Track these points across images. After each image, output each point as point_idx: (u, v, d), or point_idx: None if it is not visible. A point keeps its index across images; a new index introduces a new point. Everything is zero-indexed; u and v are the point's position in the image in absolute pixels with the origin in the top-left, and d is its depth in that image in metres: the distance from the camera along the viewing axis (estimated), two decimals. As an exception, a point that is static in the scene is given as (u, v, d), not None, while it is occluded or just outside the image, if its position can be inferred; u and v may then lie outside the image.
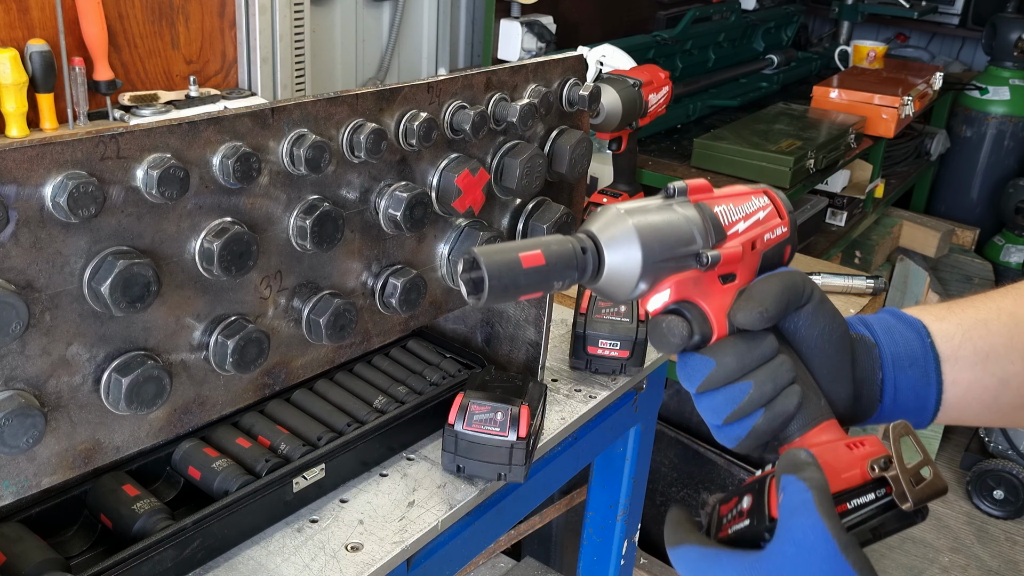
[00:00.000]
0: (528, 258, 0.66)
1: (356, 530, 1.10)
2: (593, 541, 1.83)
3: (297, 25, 2.45)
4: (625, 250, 0.70)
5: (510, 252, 0.66)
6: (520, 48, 2.94)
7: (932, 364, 0.79)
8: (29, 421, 0.75)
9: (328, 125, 0.95)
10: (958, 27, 4.82)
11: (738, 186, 0.82)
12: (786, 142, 2.86)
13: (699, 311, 0.74)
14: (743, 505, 0.72)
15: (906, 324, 0.81)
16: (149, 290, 0.79)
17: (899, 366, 0.79)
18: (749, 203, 0.80)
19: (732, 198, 0.79)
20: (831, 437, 0.74)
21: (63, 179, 0.74)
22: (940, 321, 0.81)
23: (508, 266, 0.66)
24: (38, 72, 1.94)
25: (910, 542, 3.34)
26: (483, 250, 0.66)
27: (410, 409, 1.24)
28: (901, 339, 0.80)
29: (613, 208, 0.72)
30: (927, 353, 0.79)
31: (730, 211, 0.77)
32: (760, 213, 0.80)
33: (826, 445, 0.72)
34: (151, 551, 0.95)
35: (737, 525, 0.71)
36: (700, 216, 0.75)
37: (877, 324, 0.81)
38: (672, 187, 0.76)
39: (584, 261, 0.69)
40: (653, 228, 0.71)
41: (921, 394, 0.80)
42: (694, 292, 0.74)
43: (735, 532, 0.71)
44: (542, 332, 1.35)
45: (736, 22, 3.68)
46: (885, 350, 0.79)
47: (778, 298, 0.74)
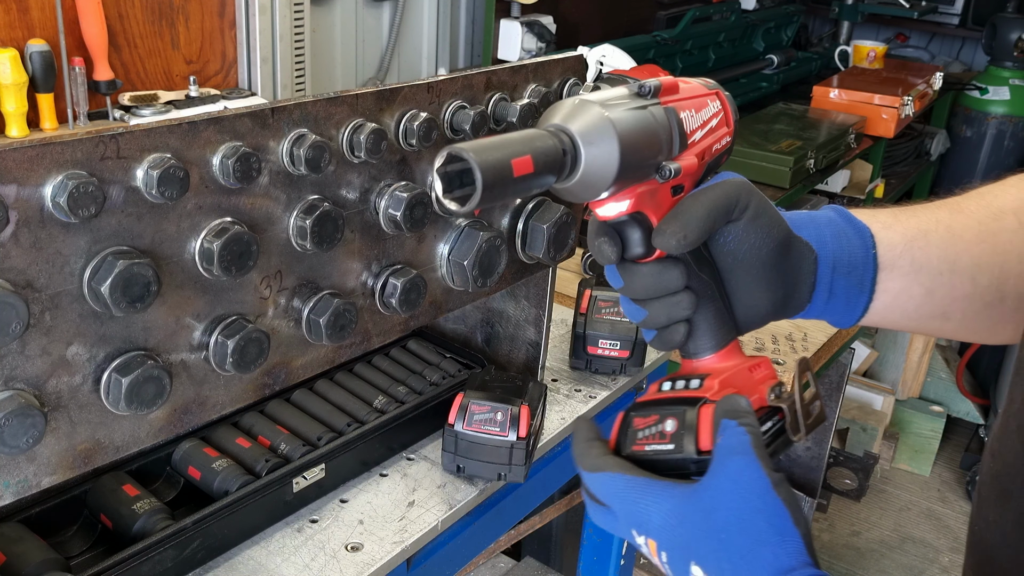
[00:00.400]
0: (519, 164, 0.61)
1: (356, 530, 1.10)
2: (593, 541, 1.83)
3: (297, 25, 2.45)
4: (604, 157, 0.66)
5: (503, 158, 0.60)
6: (520, 48, 2.94)
7: (870, 273, 0.82)
8: (29, 421, 0.75)
9: (328, 125, 0.95)
10: (958, 27, 4.82)
11: (694, 83, 0.79)
12: (786, 142, 2.86)
13: (648, 223, 0.74)
14: (665, 427, 0.72)
15: (855, 230, 0.83)
16: (149, 290, 0.79)
17: (838, 271, 0.81)
18: (707, 108, 0.77)
19: (694, 101, 0.76)
20: (733, 362, 0.78)
21: (63, 179, 0.74)
22: (887, 229, 0.84)
23: (501, 175, 0.60)
24: (38, 72, 1.94)
25: (910, 542, 3.34)
26: (476, 153, 0.59)
27: (410, 409, 1.24)
28: (847, 245, 0.82)
29: (595, 108, 0.66)
30: (868, 262, 0.82)
31: (692, 118, 0.75)
32: (713, 120, 0.78)
33: (735, 371, 0.76)
34: (151, 551, 0.95)
35: (657, 446, 0.72)
36: (669, 122, 0.72)
37: (827, 227, 0.82)
38: (648, 86, 0.72)
39: (563, 164, 0.65)
40: (632, 133, 0.67)
41: (852, 300, 0.83)
42: (649, 204, 0.73)
43: (653, 452, 0.72)
44: (542, 332, 1.35)
45: (736, 22, 3.68)
46: (828, 254, 0.81)
47: (701, 222, 0.73)
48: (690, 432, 0.71)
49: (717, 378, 0.75)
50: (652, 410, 0.74)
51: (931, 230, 0.85)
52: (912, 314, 0.86)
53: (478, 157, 0.58)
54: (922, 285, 0.84)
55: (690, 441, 0.71)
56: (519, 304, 1.36)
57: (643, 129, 0.68)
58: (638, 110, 0.69)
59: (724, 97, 0.81)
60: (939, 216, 0.86)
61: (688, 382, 0.76)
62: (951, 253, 0.84)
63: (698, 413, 0.72)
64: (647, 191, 0.72)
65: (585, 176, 0.66)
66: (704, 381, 0.75)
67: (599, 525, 0.74)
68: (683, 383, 0.76)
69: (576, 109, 0.66)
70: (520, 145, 0.62)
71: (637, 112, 0.69)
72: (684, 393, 0.75)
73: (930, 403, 3.86)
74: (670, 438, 0.72)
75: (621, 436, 0.75)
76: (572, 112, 0.66)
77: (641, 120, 0.69)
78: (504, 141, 0.61)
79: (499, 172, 0.59)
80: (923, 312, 0.86)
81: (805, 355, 0.82)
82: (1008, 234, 0.85)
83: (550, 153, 0.63)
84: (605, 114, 0.66)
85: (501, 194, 0.60)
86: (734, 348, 0.79)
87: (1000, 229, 0.85)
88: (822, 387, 2.29)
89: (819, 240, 0.81)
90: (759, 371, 0.79)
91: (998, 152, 4.55)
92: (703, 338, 0.78)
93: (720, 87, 0.81)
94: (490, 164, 0.58)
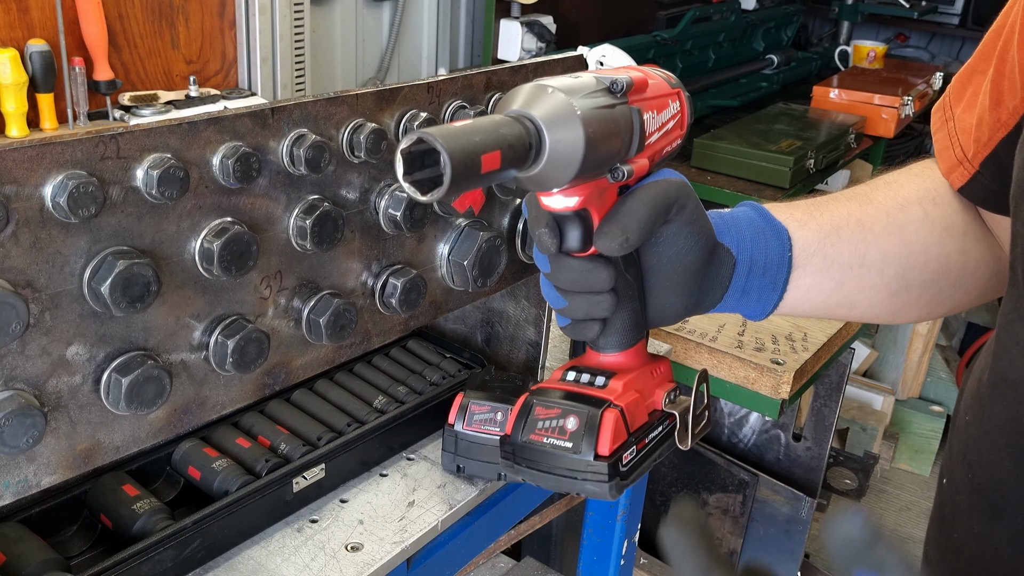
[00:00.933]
0: (488, 160, 0.58)
1: (356, 530, 1.10)
2: (593, 541, 1.83)
3: (297, 25, 2.45)
4: (567, 156, 0.64)
5: (474, 152, 0.57)
6: (520, 48, 2.94)
7: (784, 274, 0.84)
8: (29, 421, 0.75)
9: (328, 125, 0.95)
10: (958, 27, 4.82)
11: (659, 79, 0.77)
12: (786, 142, 2.86)
13: (590, 220, 0.73)
14: (567, 424, 0.73)
15: (773, 232, 0.84)
16: (149, 290, 0.79)
17: (753, 272, 0.83)
18: (667, 110, 0.76)
19: (657, 101, 0.75)
20: (638, 361, 0.79)
21: (63, 179, 0.74)
22: (802, 228, 0.86)
23: (469, 171, 0.57)
24: (38, 72, 1.94)
25: (910, 542, 3.34)
26: (448, 143, 0.56)
27: (410, 409, 1.24)
28: (763, 247, 0.83)
29: (566, 103, 0.64)
30: (782, 264, 0.84)
31: (653, 119, 0.74)
32: (671, 123, 0.77)
33: (639, 373, 0.78)
34: (151, 551, 0.95)
35: (555, 440, 0.73)
36: (632, 123, 0.70)
37: (748, 228, 0.83)
38: (620, 83, 0.69)
39: (527, 158, 0.63)
40: (598, 135, 0.65)
41: (764, 297, 0.85)
42: (594, 202, 0.72)
43: (551, 446, 0.73)
44: (542, 332, 1.35)
45: (736, 22, 3.68)
46: (745, 258, 0.82)
47: (643, 225, 0.73)
48: (590, 435, 0.72)
49: (622, 379, 0.76)
50: (555, 402, 0.75)
51: (843, 226, 0.87)
52: (821, 304, 0.89)
53: (449, 148, 0.55)
54: (832, 279, 0.87)
55: (589, 444, 0.72)
56: (519, 304, 1.36)
57: (608, 131, 0.67)
58: (606, 109, 0.67)
59: (684, 98, 0.80)
60: (850, 210, 0.89)
61: (594, 378, 0.77)
62: (861, 247, 0.87)
63: (600, 417, 0.72)
64: (596, 189, 0.71)
65: (543, 172, 0.64)
66: (610, 381, 0.76)
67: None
68: (588, 377, 0.77)
69: (546, 100, 0.64)
70: (491, 139, 0.59)
71: (605, 112, 0.67)
72: (589, 390, 0.76)
73: (930, 403, 3.86)
74: (569, 436, 0.73)
75: (520, 420, 0.75)
76: (542, 102, 0.64)
77: (608, 120, 0.67)
78: (475, 131, 0.59)
79: (468, 168, 0.57)
80: (831, 302, 0.89)
81: (706, 368, 0.87)
82: (914, 224, 0.89)
83: (518, 148, 0.61)
84: (576, 111, 0.64)
85: (465, 188, 0.58)
86: (642, 347, 0.80)
87: (907, 220, 0.89)
88: (822, 387, 2.29)
89: (739, 244, 0.82)
90: (659, 373, 0.81)
91: (998, 152, 4.54)
92: (615, 336, 0.78)
93: (682, 86, 0.80)
94: (461, 159, 0.56)
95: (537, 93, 0.64)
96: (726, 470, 2.44)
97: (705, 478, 2.50)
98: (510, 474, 0.77)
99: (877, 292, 0.89)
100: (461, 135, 0.57)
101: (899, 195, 0.90)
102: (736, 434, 2.57)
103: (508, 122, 0.62)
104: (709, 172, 2.76)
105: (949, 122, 0.90)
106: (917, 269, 0.89)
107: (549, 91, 0.64)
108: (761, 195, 2.66)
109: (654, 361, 0.81)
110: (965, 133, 0.87)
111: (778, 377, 1.71)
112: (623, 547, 1.80)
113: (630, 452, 0.74)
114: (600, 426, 0.72)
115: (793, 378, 1.71)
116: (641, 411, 0.77)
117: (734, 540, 2.50)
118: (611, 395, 0.75)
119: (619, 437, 0.73)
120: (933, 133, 0.93)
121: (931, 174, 0.93)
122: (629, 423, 0.75)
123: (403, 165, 0.57)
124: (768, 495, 2.40)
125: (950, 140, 0.90)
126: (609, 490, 0.72)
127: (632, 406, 0.76)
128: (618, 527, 1.77)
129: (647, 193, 0.74)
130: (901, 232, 0.88)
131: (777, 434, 2.49)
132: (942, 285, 0.91)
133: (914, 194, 0.90)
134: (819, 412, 2.36)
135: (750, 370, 1.75)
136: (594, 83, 0.68)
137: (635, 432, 0.75)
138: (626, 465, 0.74)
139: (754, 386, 1.76)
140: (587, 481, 0.72)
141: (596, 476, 0.71)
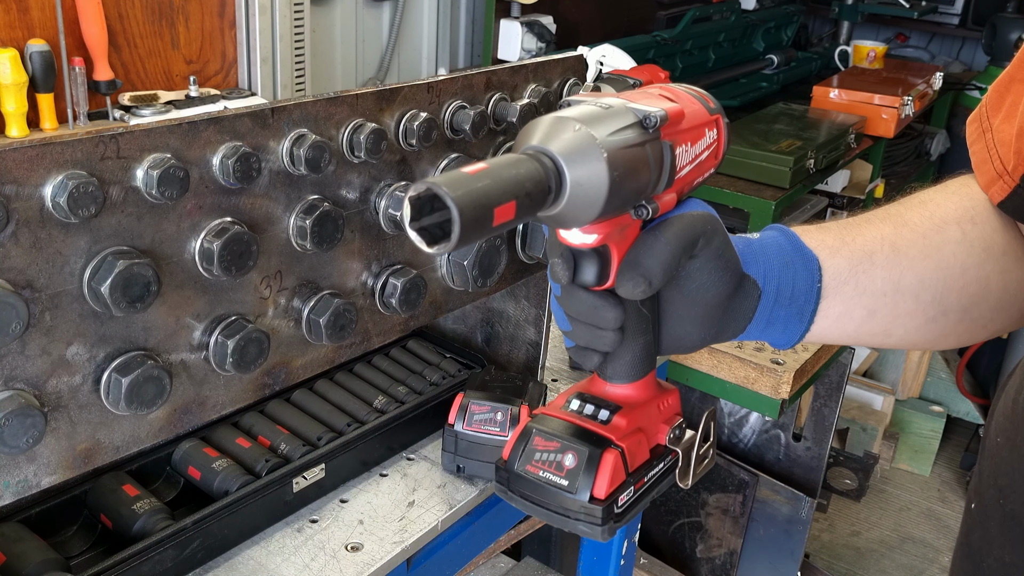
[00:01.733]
0: (501, 212, 0.54)
1: (356, 530, 1.10)
2: (593, 541, 1.82)
3: (297, 25, 2.45)
4: (589, 199, 0.60)
5: (487, 206, 0.53)
6: (520, 48, 2.94)
7: (811, 305, 0.81)
8: (29, 421, 0.75)
9: (328, 125, 0.95)
10: (958, 27, 4.82)
11: (698, 105, 0.72)
12: (786, 142, 2.86)
13: (608, 256, 0.69)
14: (564, 460, 0.71)
15: (803, 260, 0.81)
16: (149, 290, 0.79)
17: (779, 303, 0.80)
18: (702, 140, 0.72)
19: (692, 133, 0.70)
20: (646, 394, 0.76)
21: (63, 179, 0.74)
22: (833, 256, 0.82)
23: (479, 225, 0.53)
24: (38, 72, 1.94)
25: (910, 542, 3.34)
26: (458, 197, 0.52)
27: (410, 409, 1.24)
28: (792, 277, 0.80)
29: (591, 141, 0.59)
30: (810, 295, 0.81)
31: (686, 152, 0.69)
32: (705, 153, 0.73)
33: (644, 409, 0.75)
34: (151, 551, 0.95)
35: (551, 475, 0.71)
36: (663, 161, 0.66)
37: (776, 257, 0.80)
38: (654, 118, 0.64)
39: (546, 201, 0.58)
40: (624, 177, 0.61)
41: (790, 327, 0.82)
42: (615, 238, 0.69)
43: (546, 481, 0.71)
44: (542, 332, 1.35)
45: (736, 22, 3.68)
46: (772, 288, 0.79)
47: (666, 268, 0.69)
48: (588, 475, 0.69)
49: (627, 416, 0.73)
50: (555, 435, 0.72)
51: (876, 251, 0.83)
52: (852, 333, 0.85)
53: (459, 203, 0.51)
54: (864, 307, 0.83)
55: (586, 485, 0.69)
56: (519, 304, 1.36)
57: (636, 170, 0.62)
58: (636, 147, 0.62)
59: (722, 125, 0.75)
60: (884, 233, 0.85)
61: (598, 410, 0.74)
62: (895, 273, 0.83)
63: (600, 458, 0.70)
64: (618, 226, 0.68)
65: (563, 212, 0.60)
66: (614, 417, 0.73)
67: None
68: (592, 409, 0.74)
69: (570, 137, 0.59)
70: (508, 188, 0.55)
71: (635, 151, 0.62)
72: (591, 425, 0.73)
73: (930, 403, 3.86)
74: (566, 473, 0.70)
75: (518, 447, 0.73)
76: (565, 139, 0.59)
77: (637, 159, 0.62)
78: (490, 181, 0.54)
79: (479, 223, 0.53)
80: (863, 331, 0.85)
81: (713, 407, 0.84)
82: (951, 246, 0.84)
83: (536, 196, 0.56)
84: (602, 153, 0.59)
85: (474, 240, 0.54)
86: (652, 379, 0.77)
87: (943, 242, 0.84)
88: (822, 387, 2.29)
89: (767, 275, 0.79)
90: (666, 406, 0.77)
91: (998, 152, 4.54)
92: (623, 368, 0.75)
93: (722, 112, 0.76)
94: (472, 216, 0.52)
95: (561, 128, 0.59)
96: (726, 470, 2.44)
97: (705, 478, 2.50)
98: (503, 498, 0.75)
99: (913, 319, 0.84)
100: (474, 186, 0.53)
101: (935, 215, 0.86)
102: (736, 434, 2.57)
103: (527, 164, 0.57)
104: (709, 172, 2.75)
105: (987, 133, 0.86)
106: (955, 293, 0.84)
107: (576, 128, 0.59)
108: (761, 195, 2.66)
109: (662, 393, 0.78)
110: (1004, 145, 0.82)
111: (778, 377, 1.71)
112: (623, 547, 1.80)
113: (627, 493, 0.71)
114: (599, 468, 0.69)
115: (793, 378, 1.71)
116: (642, 449, 0.74)
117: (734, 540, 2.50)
118: (614, 433, 0.72)
119: (617, 479, 0.70)
120: (970, 145, 0.88)
121: (968, 192, 0.88)
122: (629, 463, 0.72)
123: (410, 211, 0.54)
124: (768, 495, 2.40)
125: (988, 153, 0.85)
126: (602, 533, 0.70)
127: (634, 446, 0.73)
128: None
129: (671, 231, 0.70)
130: (938, 255, 0.84)
131: (777, 434, 2.49)
132: (982, 309, 0.86)
133: (951, 213, 0.86)
134: (819, 412, 2.36)
135: (750, 370, 1.75)
136: (624, 116, 0.63)
137: (634, 472, 0.73)
138: (621, 507, 0.71)
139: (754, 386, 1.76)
140: (579, 521, 0.70)
141: (589, 518, 0.69)
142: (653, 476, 0.74)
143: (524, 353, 1.38)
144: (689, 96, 0.73)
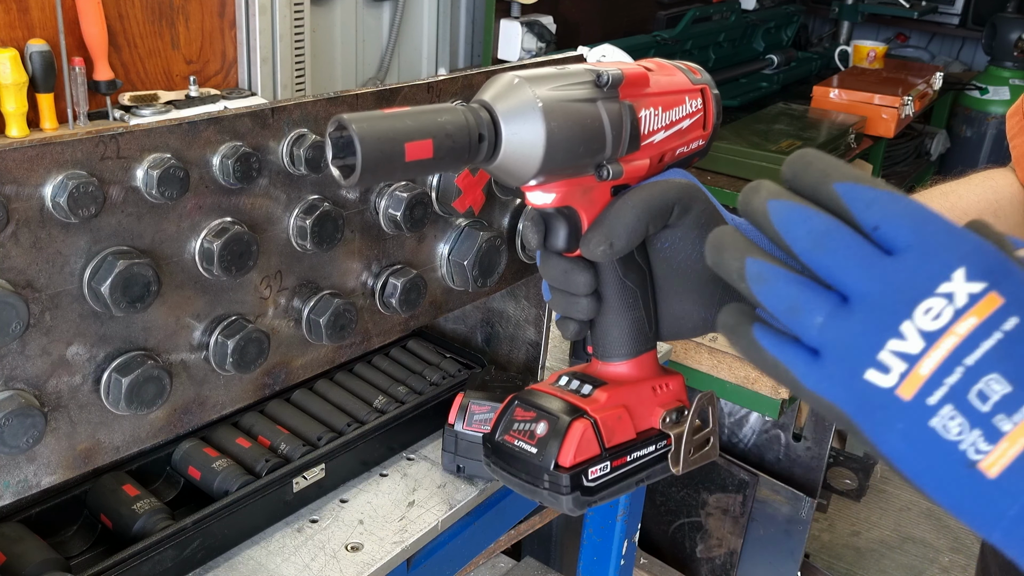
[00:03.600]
0: (414, 149, 0.55)
1: (356, 530, 1.10)
2: (593, 541, 1.83)
3: (297, 25, 2.45)
4: (527, 148, 0.61)
5: (395, 139, 0.55)
6: (520, 48, 2.94)
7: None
8: (29, 421, 0.75)
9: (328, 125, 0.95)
10: (958, 27, 4.82)
11: (679, 75, 0.72)
12: (786, 142, 2.86)
13: (576, 220, 0.69)
14: (537, 429, 0.70)
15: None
16: (149, 290, 0.79)
17: None
18: (679, 107, 0.71)
19: (663, 98, 0.70)
20: (641, 374, 0.74)
21: (63, 179, 0.74)
22: None
23: (388, 157, 0.55)
24: (38, 72, 1.94)
25: (910, 542, 3.34)
26: (361, 127, 0.54)
27: (410, 409, 1.24)
28: None
29: (527, 93, 0.60)
30: None
31: (655, 116, 0.69)
32: (686, 122, 0.72)
33: (633, 386, 0.73)
34: (151, 551, 0.95)
35: (524, 444, 0.70)
36: (621, 121, 0.65)
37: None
38: (607, 76, 0.64)
39: (477, 151, 0.59)
40: (566, 128, 0.62)
41: None
42: (580, 200, 0.68)
43: (519, 449, 0.70)
44: (542, 332, 1.35)
45: (736, 22, 3.68)
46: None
47: (629, 231, 0.68)
48: (555, 442, 0.68)
49: (610, 390, 0.72)
50: (536, 405, 0.72)
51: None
52: None
53: (362, 134, 0.53)
54: None
55: (552, 453, 0.68)
56: (519, 304, 1.36)
57: (581, 124, 0.63)
58: (583, 102, 0.63)
59: (710, 96, 0.74)
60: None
61: (582, 385, 0.73)
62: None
63: (568, 426, 0.69)
64: (579, 187, 0.67)
65: (503, 164, 0.61)
66: (595, 391, 0.72)
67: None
68: (577, 383, 0.73)
69: (508, 90, 0.61)
70: (422, 126, 0.56)
71: (580, 106, 0.63)
72: (571, 398, 0.72)
73: (930, 403, 3.86)
74: (536, 441, 0.70)
75: (501, 418, 0.73)
76: (504, 92, 0.61)
77: (582, 114, 0.63)
78: (405, 118, 0.56)
79: (386, 155, 0.54)
80: None
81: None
82: None
83: (459, 139, 0.57)
84: (537, 103, 0.60)
85: (388, 175, 0.56)
86: (648, 360, 0.75)
87: None
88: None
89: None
90: (665, 390, 0.75)
91: (998, 152, 4.55)
92: (613, 344, 0.74)
93: (710, 83, 0.75)
94: (374, 146, 0.54)
95: (503, 82, 0.61)
96: (726, 470, 2.44)
97: (705, 478, 2.50)
98: (491, 473, 0.75)
99: None
100: (384, 121, 0.55)
101: (957, 206, 0.84)
102: (736, 434, 2.57)
103: (452, 110, 0.58)
104: (709, 172, 2.76)
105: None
106: None
107: (515, 81, 0.61)
108: (761, 195, 2.66)
109: (663, 376, 0.76)
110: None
111: (778, 377, 1.71)
112: (623, 547, 1.80)
113: (601, 468, 0.70)
114: (566, 435, 0.68)
115: (793, 378, 1.71)
116: (624, 426, 0.72)
117: (734, 540, 2.50)
118: (590, 405, 0.71)
119: (587, 450, 0.69)
120: (1010, 139, 0.86)
121: (993, 184, 0.86)
122: (604, 437, 0.70)
123: (331, 149, 0.56)
124: (768, 495, 2.40)
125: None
126: (565, 503, 0.68)
127: (611, 420, 0.71)
128: (618, 527, 1.77)
129: (638, 196, 0.69)
130: None
131: (777, 434, 2.49)
132: None
133: (974, 206, 0.85)
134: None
135: (750, 370, 1.75)
136: (578, 75, 0.64)
137: (612, 448, 0.71)
138: (593, 481, 0.69)
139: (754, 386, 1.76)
140: (546, 490, 0.69)
141: (554, 487, 0.68)
142: (640, 458, 0.73)
143: (524, 353, 1.38)
144: (671, 66, 0.73)
